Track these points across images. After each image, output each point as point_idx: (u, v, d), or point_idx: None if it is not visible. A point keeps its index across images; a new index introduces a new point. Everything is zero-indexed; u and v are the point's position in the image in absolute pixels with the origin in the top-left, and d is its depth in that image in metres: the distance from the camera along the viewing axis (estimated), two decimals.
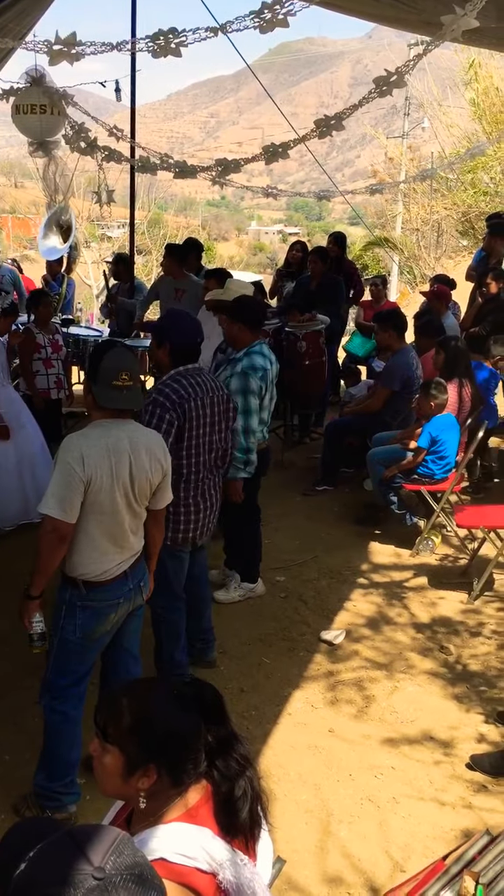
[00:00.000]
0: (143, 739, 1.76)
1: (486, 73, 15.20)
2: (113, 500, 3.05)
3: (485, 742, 3.90)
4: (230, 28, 4.04)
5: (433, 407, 5.82)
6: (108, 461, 3.00)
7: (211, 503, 4.05)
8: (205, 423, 3.85)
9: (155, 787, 1.77)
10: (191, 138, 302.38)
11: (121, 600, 3.23)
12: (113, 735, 1.79)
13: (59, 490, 2.95)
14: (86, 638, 3.20)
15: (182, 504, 3.88)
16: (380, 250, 22.78)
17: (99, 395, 3.05)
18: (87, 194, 16.30)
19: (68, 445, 2.99)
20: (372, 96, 3.81)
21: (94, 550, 3.10)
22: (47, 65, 4.78)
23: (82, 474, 2.94)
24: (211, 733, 1.82)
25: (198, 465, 3.89)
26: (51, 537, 2.99)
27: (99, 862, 1.20)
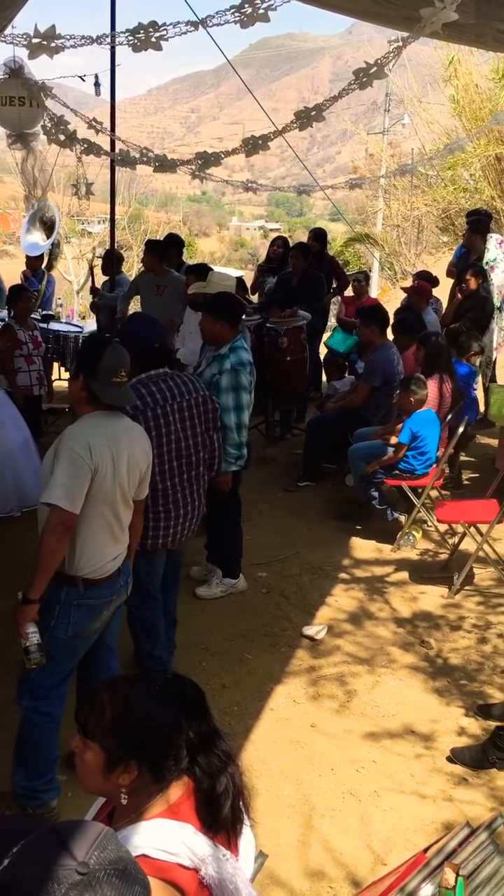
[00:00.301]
0: (123, 735, 1.76)
1: (466, 70, 15.23)
2: (113, 490, 3.06)
3: (465, 735, 3.92)
4: (210, 22, 4.02)
5: (413, 402, 5.84)
6: (109, 451, 3.02)
7: (186, 510, 3.96)
8: (171, 429, 3.79)
9: (136, 784, 1.77)
10: (171, 133, 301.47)
11: (114, 597, 3.23)
12: (93, 731, 1.79)
13: (66, 479, 2.91)
14: (77, 637, 3.17)
15: (151, 511, 3.79)
16: (360, 246, 22.81)
17: (101, 392, 3.05)
18: (67, 189, 16.20)
19: (73, 435, 2.98)
20: (352, 88, 3.81)
21: (95, 545, 3.09)
22: (26, 58, 4.74)
23: (90, 462, 2.94)
24: (192, 729, 1.81)
25: (163, 474, 3.81)
26: (57, 530, 2.93)
27: (82, 857, 1.20)
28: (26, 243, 9.65)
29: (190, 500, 3.99)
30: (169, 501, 3.89)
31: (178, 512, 3.93)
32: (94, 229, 34.40)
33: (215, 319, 4.63)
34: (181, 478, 3.92)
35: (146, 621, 4.09)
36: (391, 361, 6.45)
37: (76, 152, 5.93)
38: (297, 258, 8.21)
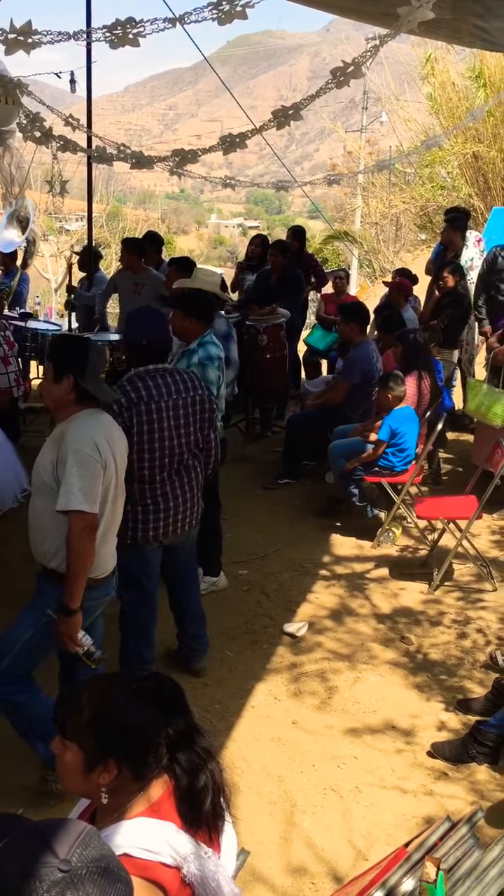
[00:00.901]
0: (102, 734, 1.76)
1: (443, 68, 15.29)
2: (114, 486, 3.10)
3: (445, 730, 3.94)
4: (188, 19, 4.01)
5: (391, 399, 5.86)
6: (108, 447, 3.06)
7: (177, 504, 3.94)
8: (163, 426, 3.78)
9: (116, 783, 1.76)
10: (149, 131, 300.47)
11: (107, 598, 3.26)
12: (72, 731, 1.79)
13: (83, 482, 2.91)
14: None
15: (140, 503, 3.82)
16: (339, 244, 22.86)
17: (95, 390, 3.08)
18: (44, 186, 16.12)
19: (77, 437, 2.97)
20: (329, 87, 3.80)
21: (102, 546, 3.09)
22: (2, 54, 4.70)
23: (100, 460, 2.97)
24: (171, 727, 1.81)
25: (153, 468, 3.80)
26: (84, 534, 2.93)
27: (65, 854, 1.20)
28: (1, 241, 9.58)
29: (181, 494, 3.96)
30: (157, 494, 3.88)
31: (167, 505, 3.91)
32: (72, 227, 34.22)
33: (186, 316, 4.64)
34: (170, 471, 3.88)
35: (138, 620, 4.06)
36: (370, 359, 6.47)
37: (52, 149, 5.89)
38: (275, 256, 8.21)
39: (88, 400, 3.10)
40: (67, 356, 3.10)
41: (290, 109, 4.03)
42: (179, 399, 3.84)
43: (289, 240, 8.93)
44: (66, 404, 3.10)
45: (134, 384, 3.75)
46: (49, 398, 3.16)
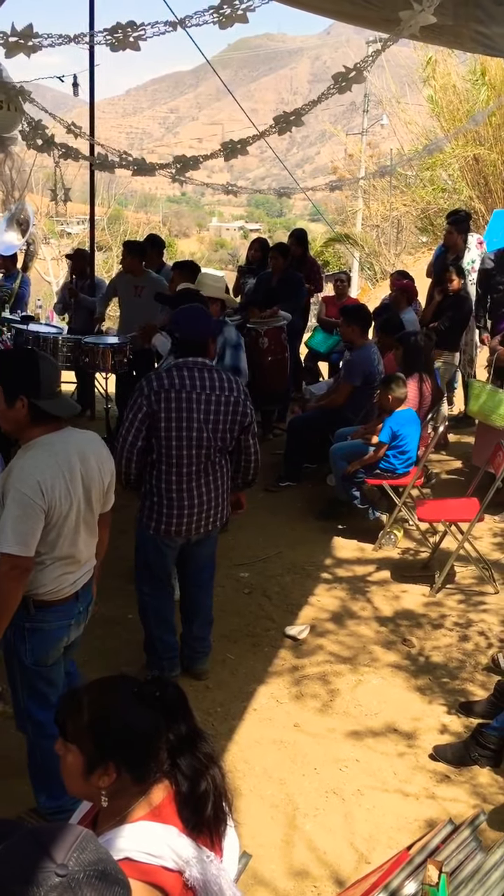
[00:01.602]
0: (101, 737, 1.76)
1: (444, 71, 15.33)
2: (69, 521, 2.88)
3: (447, 733, 3.94)
4: (189, 23, 4.02)
5: (393, 401, 5.86)
6: (62, 482, 2.82)
7: (201, 500, 3.95)
8: (189, 416, 3.80)
9: (116, 786, 1.76)
10: (150, 134, 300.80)
11: (71, 622, 3.08)
12: (72, 733, 1.79)
13: (17, 525, 2.72)
14: (38, 664, 3.03)
15: (165, 496, 3.89)
16: (340, 246, 22.87)
17: (50, 407, 2.83)
18: (46, 191, 16.16)
19: (21, 476, 2.75)
20: (331, 92, 3.82)
21: (50, 572, 2.93)
22: (3, 58, 4.71)
23: (42, 503, 2.75)
24: (172, 731, 1.81)
25: (180, 458, 3.84)
26: (12, 575, 2.76)
27: (62, 859, 1.20)
28: (1, 244, 9.58)
29: (206, 493, 3.97)
30: (183, 489, 3.90)
31: (192, 502, 3.93)
32: (74, 230, 34.28)
33: None
34: (193, 469, 3.90)
35: (157, 608, 4.16)
36: (372, 361, 6.47)
37: (54, 157, 5.90)
38: (276, 258, 8.21)
39: (49, 420, 2.87)
40: (15, 375, 2.83)
41: (292, 115, 4.05)
42: (213, 395, 3.86)
43: (291, 245, 8.91)
44: (24, 426, 2.85)
45: (169, 373, 3.84)
46: (5, 424, 2.89)
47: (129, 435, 3.84)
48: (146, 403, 3.78)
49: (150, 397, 3.78)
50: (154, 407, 3.77)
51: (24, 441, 2.89)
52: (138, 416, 3.80)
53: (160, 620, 4.18)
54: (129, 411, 3.84)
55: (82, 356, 7.46)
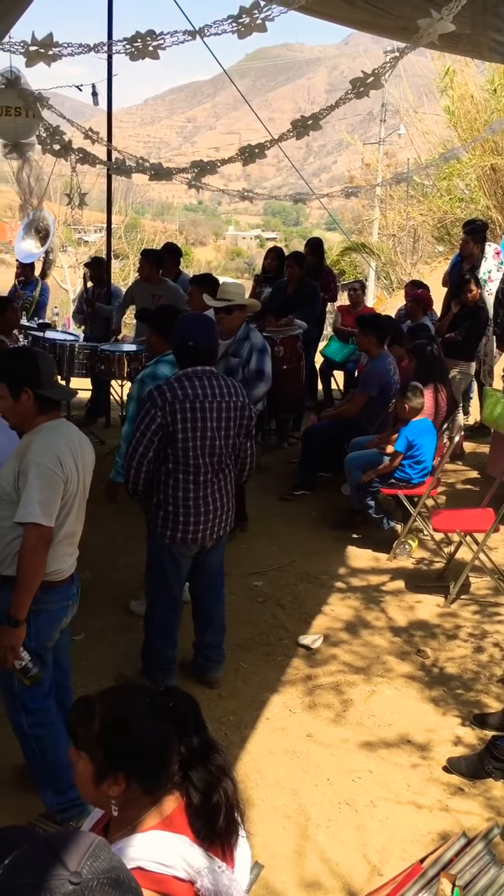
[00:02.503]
0: (112, 747, 1.75)
1: (462, 81, 15.33)
2: (76, 498, 3.10)
3: (461, 745, 3.91)
4: (208, 32, 4.04)
5: (409, 411, 5.84)
6: (72, 458, 3.05)
7: (216, 506, 3.99)
8: (205, 426, 3.83)
9: (126, 796, 1.75)
10: (168, 143, 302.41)
11: (70, 602, 3.23)
12: (83, 741, 1.79)
13: (42, 495, 2.90)
14: (41, 647, 3.12)
15: (182, 504, 3.90)
16: (356, 256, 22.88)
17: (53, 394, 3.11)
18: (63, 198, 16.26)
19: (38, 450, 2.96)
20: (349, 97, 3.83)
21: (60, 550, 3.09)
22: (23, 66, 4.74)
23: (62, 475, 2.97)
24: (184, 744, 1.79)
25: (197, 467, 3.87)
26: (38, 546, 2.93)
27: (75, 867, 1.20)
28: (20, 251, 9.66)
29: (219, 499, 4.01)
30: (198, 497, 3.93)
31: (207, 508, 3.96)
32: (91, 238, 34.46)
33: (152, 332, 4.67)
34: (208, 476, 3.93)
35: (163, 621, 4.14)
36: (387, 371, 6.46)
37: (71, 162, 5.94)
38: (292, 267, 8.22)
39: (50, 409, 3.11)
40: (18, 371, 3.07)
41: (309, 119, 4.06)
42: (223, 402, 3.89)
43: (306, 253, 8.93)
44: (31, 416, 3.08)
45: (180, 383, 3.83)
46: (13, 418, 3.14)
47: (139, 446, 3.83)
48: (160, 415, 3.77)
49: (164, 408, 3.77)
50: (168, 418, 3.76)
51: (27, 430, 3.10)
52: (151, 427, 3.79)
53: (163, 633, 4.16)
54: (140, 422, 3.82)
55: (98, 363, 7.50)
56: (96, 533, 5.89)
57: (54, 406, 3.15)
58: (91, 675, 4.20)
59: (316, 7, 5.39)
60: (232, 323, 5.62)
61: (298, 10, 3.98)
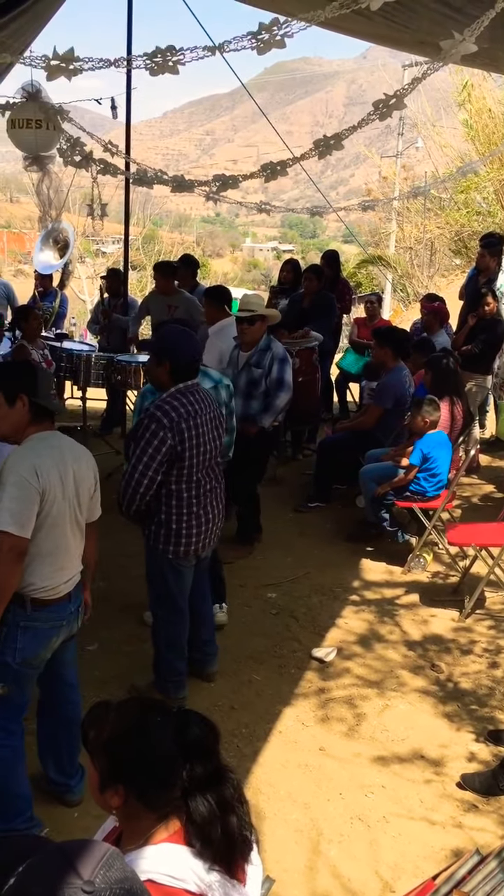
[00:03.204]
0: (114, 759, 1.75)
1: (480, 95, 15.36)
2: (62, 512, 3.03)
3: (475, 761, 3.88)
4: (227, 48, 4.07)
5: (425, 424, 5.83)
6: (56, 471, 2.99)
7: (213, 515, 4.06)
8: (202, 440, 3.86)
9: (128, 810, 1.75)
10: (186, 155, 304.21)
11: (63, 623, 3.15)
12: (91, 743, 1.79)
13: (13, 504, 2.86)
14: (25, 664, 3.07)
15: (185, 519, 3.92)
16: (373, 268, 22.90)
17: (49, 404, 3.11)
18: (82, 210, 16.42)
19: (18, 459, 2.94)
20: (372, 118, 3.86)
21: (45, 566, 3.02)
22: (44, 80, 4.81)
23: (38, 486, 2.90)
24: (188, 771, 1.76)
25: (198, 481, 3.92)
26: (8, 556, 2.87)
27: (89, 875, 1.20)
28: (38, 262, 9.73)
29: (214, 508, 4.08)
30: (200, 508, 3.97)
31: (207, 517, 4.02)
32: (109, 249, 34.67)
33: None
34: (206, 489, 4.00)
35: (172, 635, 4.16)
36: (403, 384, 6.45)
37: (92, 173, 5.99)
38: (310, 280, 8.23)
39: (43, 420, 3.09)
40: (17, 378, 3.08)
41: (332, 139, 4.09)
42: (210, 413, 3.96)
43: (322, 266, 8.94)
44: (25, 425, 3.06)
45: (179, 401, 3.81)
46: (5, 426, 3.09)
47: (148, 471, 3.75)
48: (170, 436, 3.72)
49: (172, 430, 3.72)
50: (177, 438, 3.74)
51: (20, 441, 3.08)
52: (161, 450, 3.72)
53: (172, 645, 4.17)
54: (147, 445, 3.71)
55: (115, 374, 7.53)
56: (109, 543, 5.93)
57: (48, 417, 3.12)
58: (104, 686, 4.21)
59: (334, 22, 5.42)
60: (254, 334, 5.69)
61: (317, 24, 4.01)
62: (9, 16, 5.47)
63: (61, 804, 3.45)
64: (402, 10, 4.70)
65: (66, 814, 3.42)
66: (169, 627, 4.15)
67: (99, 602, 5.15)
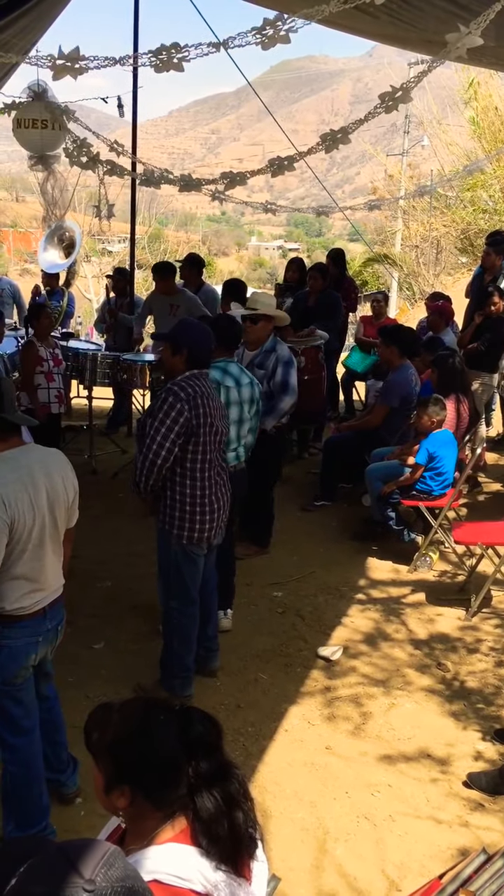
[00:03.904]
0: (119, 760, 1.74)
1: (486, 93, 15.34)
2: (33, 536, 2.93)
3: (482, 760, 3.88)
4: (232, 44, 4.07)
5: (431, 423, 5.82)
6: (26, 496, 2.87)
7: (222, 502, 4.09)
8: (213, 422, 3.93)
9: (134, 810, 1.75)
10: (192, 154, 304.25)
11: (40, 638, 3.09)
12: (95, 746, 1.79)
13: None
14: (6, 683, 3.04)
15: (199, 504, 3.97)
16: (379, 266, 22.89)
17: (13, 417, 2.96)
18: (88, 209, 16.42)
19: None
20: (378, 111, 3.85)
21: (18, 590, 2.96)
22: (50, 79, 4.81)
23: (6, 517, 2.80)
24: (194, 767, 1.76)
25: (211, 462, 3.98)
26: None
27: (90, 875, 1.20)
28: (44, 261, 9.75)
29: (224, 493, 4.12)
30: (211, 493, 4.01)
31: (218, 504, 4.06)
32: (115, 248, 34.73)
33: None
34: (215, 470, 4.04)
35: (184, 627, 4.17)
36: (409, 382, 6.44)
37: (98, 174, 6.00)
38: (315, 278, 8.23)
39: (10, 435, 2.97)
40: None
41: (339, 133, 4.08)
42: (217, 402, 4.04)
43: (328, 264, 8.93)
44: None
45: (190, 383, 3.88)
46: None
47: (166, 441, 3.81)
48: (187, 408, 3.80)
49: (189, 402, 3.81)
50: (192, 412, 3.82)
51: None
52: (179, 421, 3.79)
53: (184, 639, 4.19)
54: (166, 417, 3.77)
55: (120, 373, 7.54)
56: (116, 542, 5.96)
57: (14, 432, 2.99)
58: (109, 685, 4.21)
59: (339, 20, 5.42)
60: (258, 333, 5.60)
61: (322, 22, 4.01)
62: (13, 15, 5.47)
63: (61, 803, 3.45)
64: (409, 9, 4.69)
65: (72, 813, 3.42)
66: (182, 619, 4.16)
67: (106, 601, 5.19)
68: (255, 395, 4.78)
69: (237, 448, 4.74)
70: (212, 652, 4.49)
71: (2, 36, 5.75)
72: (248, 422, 4.77)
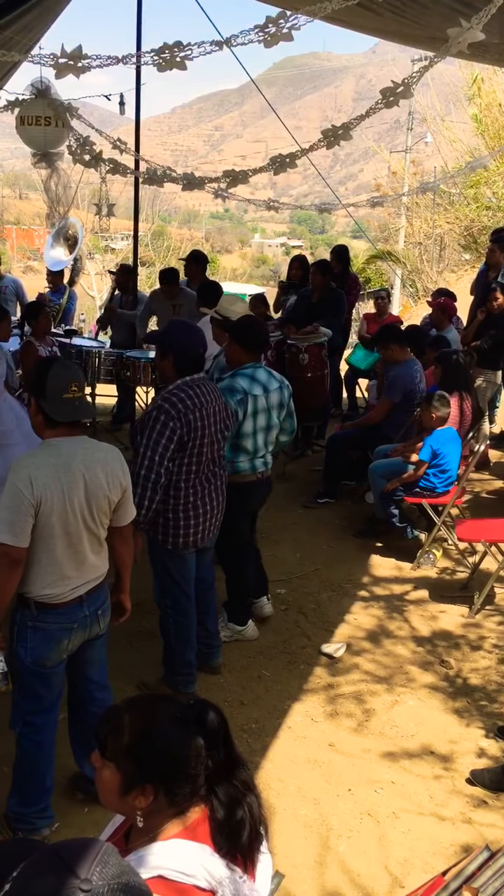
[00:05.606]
0: (141, 760, 1.74)
1: (490, 89, 15.31)
2: (66, 522, 2.94)
3: (485, 757, 3.88)
4: (235, 42, 4.07)
5: (435, 420, 5.82)
6: (58, 482, 2.90)
7: (211, 507, 4.06)
8: (205, 433, 3.87)
9: (152, 807, 1.75)
10: (195, 151, 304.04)
11: (75, 625, 3.10)
12: (111, 752, 1.78)
13: (6, 514, 2.84)
14: (37, 664, 3.07)
15: (182, 510, 3.93)
16: (382, 263, 22.86)
17: (52, 410, 2.94)
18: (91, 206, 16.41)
19: (16, 468, 2.88)
20: (379, 107, 3.85)
21: (47, 574, 2.99)
22: (53, 78, 4.82)
23: (31, 497, 2.84)
24: (211, 758, 1.79)
25: (198, 473, 3.93)
26: (3, 563, 2.88)
27: (85, 874, 1.20)
28: (49, 258, 9.76)
29: (214, 497, 4.08)
30: (198, 499, 3.98)
31: (205, 509, 4.02)
32: (118, 245, 34.72)
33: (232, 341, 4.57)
34: (204, 477, 4.01)
35: (180, 625, 4.17)
36: (413, 378, 6.43)
37: (101, 172, 6.00)
38: (316, 275, 8.22)
39: (59, 424, 2.97)
40: (32, 378, 3.02)
41: (340, 129, 4.08)
42: (215, 407, 3.96)
43: (331, 261, 8.93)
44: (41, 427, 3.00)
45: (186, 393, 3.83)
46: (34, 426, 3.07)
47: (164, 460, 3.76)
48: (179, 426, 3.74)
49: (180, 420, 3.74)
50: (184, 429, 3.76)
51: None
52: (173, 439, 3.74)
53: (181, 637, 4.18)
54: (160, 437, 3.72)
55: (124, 370, 7.55)
56: None
57: (66, 423, 3.00)
58: (112, 681, 4.20)
59: (342, 17, 5.41)
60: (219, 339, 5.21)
61: (325, 19, 4.00)
62: (16, 12, 5.48)
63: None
64: (412, 5, 4.68)
65: (76, 808, 3.43)
66: (177, 617, 4.15)
67: None
68: (283, 398, 4.64)
69: (265, 455, 4.64)
70: (213, 648, 4.48)
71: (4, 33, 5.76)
72: (276, 427, 4.65)
